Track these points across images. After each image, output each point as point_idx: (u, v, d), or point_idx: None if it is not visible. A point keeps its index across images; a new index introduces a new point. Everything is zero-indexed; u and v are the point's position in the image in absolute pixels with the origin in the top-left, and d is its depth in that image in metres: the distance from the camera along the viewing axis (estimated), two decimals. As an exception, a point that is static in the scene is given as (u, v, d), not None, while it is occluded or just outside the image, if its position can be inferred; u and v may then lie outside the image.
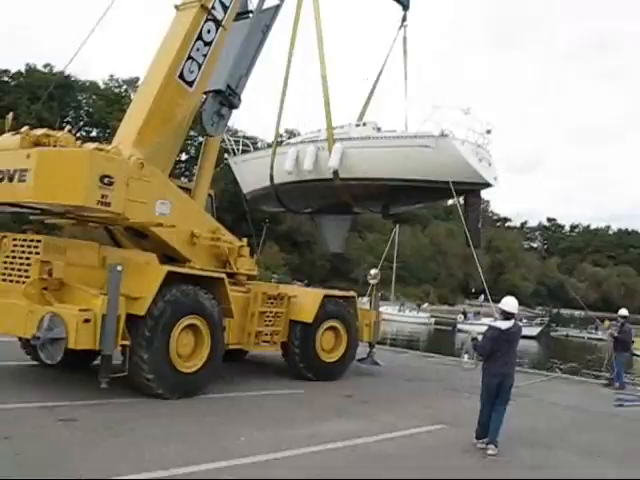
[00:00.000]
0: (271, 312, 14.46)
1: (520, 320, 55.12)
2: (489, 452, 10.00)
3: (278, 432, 10.19)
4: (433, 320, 68.84)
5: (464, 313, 65.74)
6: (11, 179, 11.11)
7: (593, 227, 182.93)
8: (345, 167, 19.80)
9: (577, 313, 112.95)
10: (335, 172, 19.85)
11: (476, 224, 20.37)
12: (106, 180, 10.91)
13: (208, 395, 12.19)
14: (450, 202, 32.77)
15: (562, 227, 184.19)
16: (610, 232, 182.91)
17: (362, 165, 19.78)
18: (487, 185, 19.99)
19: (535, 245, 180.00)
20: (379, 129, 21.51)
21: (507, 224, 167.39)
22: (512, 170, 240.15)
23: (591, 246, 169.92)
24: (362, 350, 17.54)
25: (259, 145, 27.92)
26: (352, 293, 17.04)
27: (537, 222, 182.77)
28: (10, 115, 13.47)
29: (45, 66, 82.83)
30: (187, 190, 14.42)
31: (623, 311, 20.54)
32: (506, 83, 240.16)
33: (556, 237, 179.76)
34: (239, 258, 14.25)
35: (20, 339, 12.82)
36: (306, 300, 15.24)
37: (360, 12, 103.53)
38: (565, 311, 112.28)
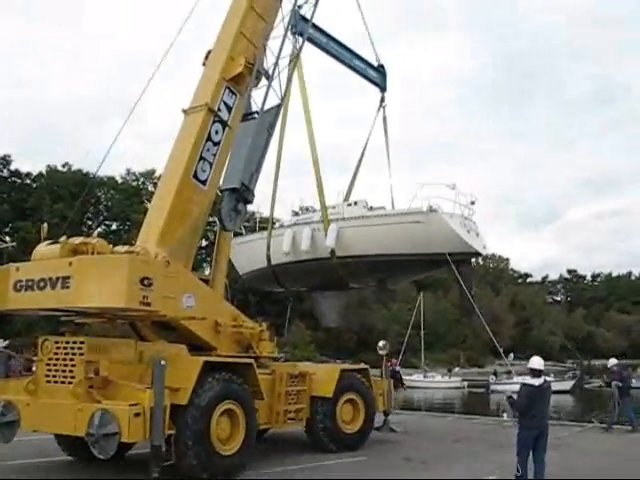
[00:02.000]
0: (294, 391, 15.24)
1: (548, 375, 55.35)
2: None
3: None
4: (465, 383, 68.72)
5: (495, 373, 65.63)
6: (54, 286, 12.01)
7: (615, 274, 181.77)
8: (341, 246, 21.13)
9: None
10: (332, 251, 21.06)
11: (469, 291, 21.43)
12: (146, 282, 11.79)
13: (266, 470, 13.28)
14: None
15: (583, 277, 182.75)
16: (633, 278, 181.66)
17: (357, 243, 21.12)
18: (477, 254, 21.35)
19: (558, 298, 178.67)
20: (371, 207, 22.74)
21: (528, 279, 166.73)
22: (529, 225, 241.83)
23: (615, 294, 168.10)
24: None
25: (254, 219, 29.30)
26: (364, 365, 17.94)
27: (558, 274, 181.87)
28: (45, 225, 14.59)
29: (64, 165, 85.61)
30: (206, 281, 15.26)
31: (614, 360, 21.86)
32: (518, 137, 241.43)
33: (578, 288, 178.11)
34: (260, 342, 15.08)
35: (56, 436, 13.58)
36: (324, 376, 16.08)
37: (344, 91, 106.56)
38: (596, 362, 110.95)
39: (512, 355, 74.37)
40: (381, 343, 21.34)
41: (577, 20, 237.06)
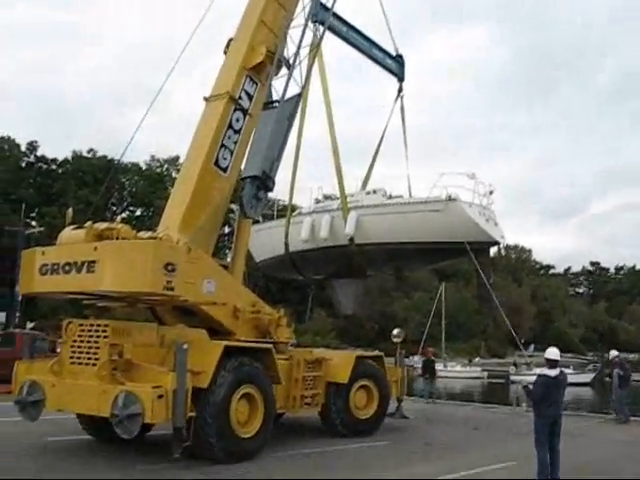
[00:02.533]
0: (311, 376, 15.46)
1: (568, 367, 55.21)
2: None
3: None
4: (485, 374, 68.78)
5: (515, 364, 65.69)
6: (79, 270, 12.28)
7: (638, 268, 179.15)
8: (360, 233, 21.36)
9: (631, 356, 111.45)
10: (351, 238, 21.26)
11: (487, 280, 21.64)
12: (170, 267, 12.06)
13: (288, 452, 13.70)
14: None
15: (607, 270, 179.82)
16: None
17: (377, 231, 21.35)
18: (495, 243, 21.54)
19: (581, 290, 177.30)
20: (390, 196, 22.99)
21: (550, 271, 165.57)
22: (553, 216, 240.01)
23: (638, 287, 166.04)
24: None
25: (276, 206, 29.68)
26: (379, 352, 18.15)
27: (581, 267, 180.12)
28: (70, 211, 14.83)
29: (89, 151, 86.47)
30: (225, 267, 15.50)
31: (615, 352, 22.12)
32: (542, 128, 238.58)
33: (601, 281, 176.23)
34: (278, 328, 15.30)
35: (78, 416, 13.89)
36: (340, 362, 16.28)
37: (365, 77, 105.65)
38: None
39: (532, 346, 74.37)
40: (395, 331, 21.53)
41: (604, 11, 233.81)
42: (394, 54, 24.49)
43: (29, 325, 35.39)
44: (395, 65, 24.53)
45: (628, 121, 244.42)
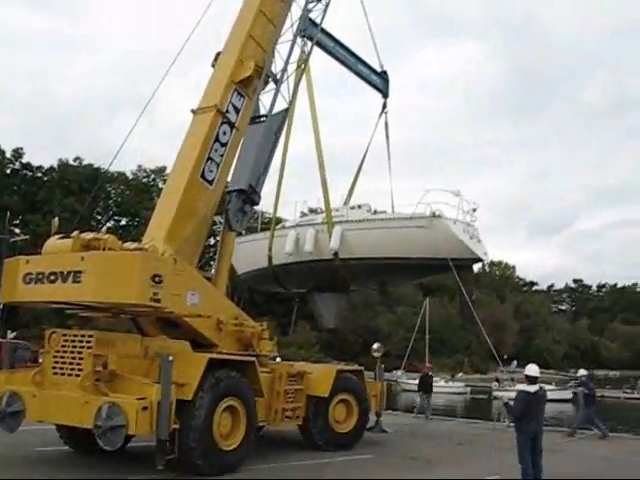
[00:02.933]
0: (292, 389, 15.48)
1: (550, 384, 55.11)
2: None
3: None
4: (468, 389, 68.85)
5: (497, 380, 65.72)
6: (65, 280, 12.24)
7: (620, 285, 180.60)
8: (345, 248, 21.45)
9: (612, 373, 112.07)
10: (335, 253, 21.36)
11: (470, 296, 21.82)
12: (156, 279, 12.10)
13: (270, 465, 13.80)
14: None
15: (589, 287, 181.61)
16: (638, 289, 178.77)
17: (361, 246, 21.49)
18: (479, 260, 21.73)
19: (563, 307, 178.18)
20: (375, 211, 23.16)
21: (534, 288, 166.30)
22: (538, 233, 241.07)
23: (620, 305, 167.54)
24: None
25: (262, 219, 29.69)
26: (359, 367, 18.23)
27: (564, 284, 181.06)
28: (56, 220, 14.70)
29: (75, 159, 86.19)
30: (208, 279, 15.41)
31: (583, 371, 22.75)
32: (529, 145, 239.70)
33: (583, 298, 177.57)
34: (261, 341, 15.34)
35: (57, 427, 13.80)
36: (321, 376, 16.34)
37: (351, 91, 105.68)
38: (599, 372, 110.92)
39: (515, 362, 74.45)
40: (375, 346, 21.54)
41: (596, 29, 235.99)
42: (379, 70, 24.73)
43: (10, 334, 35.01)
44: (380, 81, 24.81)
45: (618, 139, 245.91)
